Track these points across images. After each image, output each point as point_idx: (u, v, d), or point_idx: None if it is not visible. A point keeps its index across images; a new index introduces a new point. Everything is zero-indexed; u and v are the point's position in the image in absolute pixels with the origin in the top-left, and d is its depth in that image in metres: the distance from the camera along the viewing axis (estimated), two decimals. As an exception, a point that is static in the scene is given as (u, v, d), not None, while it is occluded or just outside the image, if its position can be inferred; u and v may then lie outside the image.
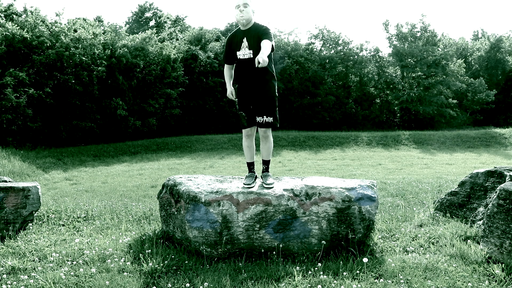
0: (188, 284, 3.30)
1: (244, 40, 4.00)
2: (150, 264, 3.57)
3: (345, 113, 34.09)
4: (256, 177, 4.36)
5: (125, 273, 3.48)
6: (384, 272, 3.47)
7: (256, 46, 3.92)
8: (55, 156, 18.63)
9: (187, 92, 28.81)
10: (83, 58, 22.12)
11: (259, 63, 3.55)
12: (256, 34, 3.95)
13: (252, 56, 3.97)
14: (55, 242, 4.34)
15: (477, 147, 24.08)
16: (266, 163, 4.38)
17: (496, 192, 3.69)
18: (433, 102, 32.26)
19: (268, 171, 4.37)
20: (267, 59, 3.58)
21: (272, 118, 4.13)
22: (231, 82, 4.28)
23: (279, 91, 33.10)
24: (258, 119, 4.13)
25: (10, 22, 20.72)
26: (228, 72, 4.27)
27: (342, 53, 35.23)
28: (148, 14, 46.05)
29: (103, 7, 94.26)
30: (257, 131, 4.34)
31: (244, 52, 4.01)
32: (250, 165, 4.42)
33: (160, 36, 31.80)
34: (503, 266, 3.37)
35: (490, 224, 3.63)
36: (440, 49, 34.24)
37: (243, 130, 4.30)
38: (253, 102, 4.13)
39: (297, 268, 3.55)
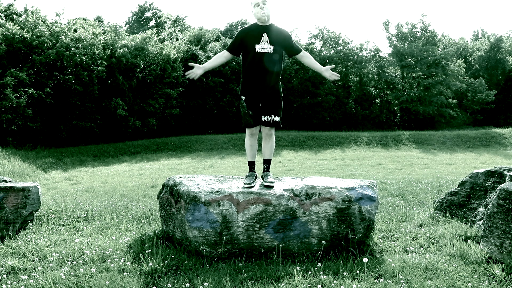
0: (188, 284, 3.30)
1: (264, 35, 4.08)
2: (150, 264, 3.57)
3: (345, 113, 34.10)
4: (256, 177, 4.37)
5: (125, 273, 3.48)
6: (384, 272, 3.47)
7: (278, 45, 4.10)
8: (55, 156, 18.62)
9: (187, 92, 28.81)
10: (83, 58, 22.13)
11: (334, 74, 4.27)
12: (281, 36, 4.14)
13: (272, 52, 4.07)
14: (55, 242, 4.34)
15: (477, 147, 24.08)
16: (267, 162, 4.39)
17: (496, 192, 3.69)
18: (433, 102, 32.27)
19: (269, 171, 4.37)
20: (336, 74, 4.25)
21: (280, 118, 4.21)
22: (213, 65, 4.32)
23: (279, 91, 32.98)
24: (266, 118, 4.17)
25: (10, 22, 20.72)
26: (218, 59, 4.28)
27: (342, 53, 35.24)
28: (148, 14, 46.09)
29: (103, 7, 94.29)
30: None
31: (264, 46, 4.07)
32: (251, 164, 4.43)
33: (160, 36, 31.80)
34: (503, 266, 3.37)
35: (490, 224, 3.63)
36: (440, 49, 34.25)
37: (248, 129, 4.29)
38: (262, 100, 4.16)
39: (297, 268, 3.55)
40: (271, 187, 4.12)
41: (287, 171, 15.13)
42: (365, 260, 3.49)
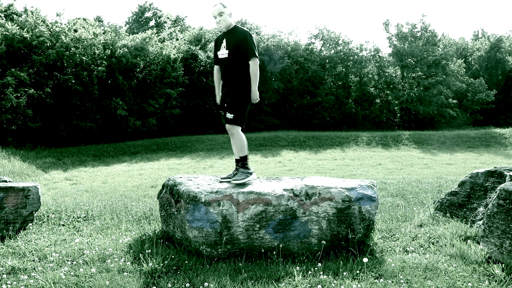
0: (188, 284, 3.30)
1: (224, 41, 4.33)
2: (150, 264, 3.57)
3: (345, 113, 34.09)
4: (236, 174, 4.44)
5: (125, 273, 3.48)
6: (384, 272, 3.47)
7: (232, 48, 4.23)
8: (55, 156, 18.62)
9: (187, 92, 28.81)
10: (83, 58, 22.13)
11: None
12: (235, 39, 4.23)
13: (227, 56, 4.27)
14: (55, 242, 4.34)
15: (477, 147, 24.08)
16: (237, 160, 4.42)
17: (496, 192, 3.69)
18: (433, 102, 32.26)
19: (237, 170, 4.36)
20: (257, 96, 4.24)
21: (233, 115, 4.26)
22: (219, 86, 4.53)
23: (279, 91, 33.25)
24: (227, 115, 4.32)
25: (10, 22, 20.71)
26: (216, 74, 4.54)
27: (342, 53, 35.23)
28: (148, 14, 46.08)
29: (103, 7, 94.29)
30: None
31: (222, 52, 4.33)
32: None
33: (160, 36, 31.80)
34: (503, 266, 3.37)
35: (490, 224, 3.63)
36: (440, 49, 34.24)
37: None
38: (226, 100, 4.36)
39: (297, 268, 3.55)
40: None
41: (287, 171, 15.13)
42: (365, 260, 3.49)
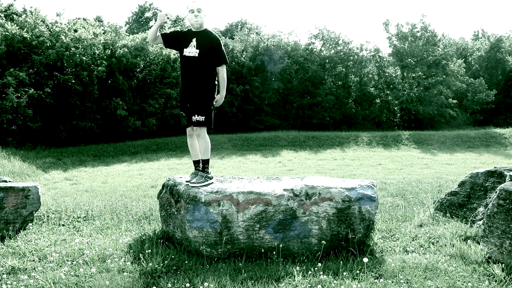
0: (188, 284, 3.30)
1: (194, 40, 4.19)
2: (150, 264, 3.57)
3: (345, 113, 34.09)
4: (199, 175, 4.40)
5: (125, 273, 3.48)
6: (384, 272, 3.47)
7: (204, 50, 4.15)
8: (55, 156, 18.61)
9: (187, 92, 28.79)
10: (83, 58, 22.11)
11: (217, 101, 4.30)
12: (208, 41, 4.18)
13: (197, 56, 4.15)
14: (55, 242, 4.34)
15: (477, 147, 24.08)
16: (202, 162, 4.41)
17: (496, 192, 3.69)
18: (433, 102, 32.27)
19: (203, 171, 4.36)
20: (222, 101, 4.33)
21: (203, 117, 4.22)
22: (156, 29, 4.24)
23: (279, 91, 33.24)
24: (193, 118, 4.23)
25: (10, 22, 20.71)
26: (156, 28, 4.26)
27: (342, 53, 35.22)
28: (148, 14, 46.11)
29: (103, 7, 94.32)
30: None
31: (190, 50, 4.17)
32: (195, 163, 4.51)
33: (160, 36, 31.74)
34: (503, 266, 3.38)
35: (490, 224, 3.63)
36: (440, 49, 34.24)
37: (186, 130, 4.41)
38: (189, 101, 4.25)
39: (297, 268, 3.55)
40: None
41: (287, 171, 15.13)
42: (365, 260, 3.49)
